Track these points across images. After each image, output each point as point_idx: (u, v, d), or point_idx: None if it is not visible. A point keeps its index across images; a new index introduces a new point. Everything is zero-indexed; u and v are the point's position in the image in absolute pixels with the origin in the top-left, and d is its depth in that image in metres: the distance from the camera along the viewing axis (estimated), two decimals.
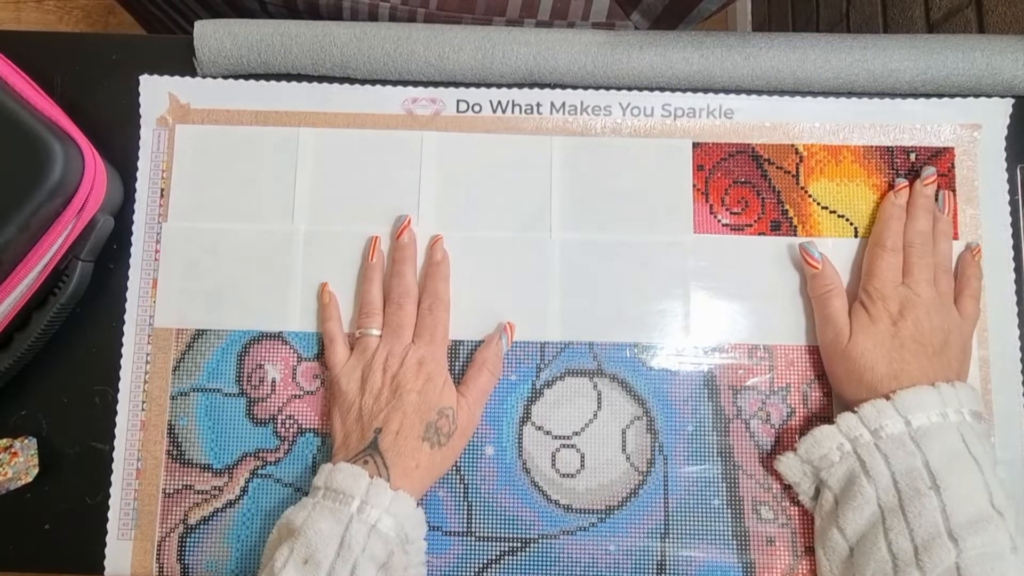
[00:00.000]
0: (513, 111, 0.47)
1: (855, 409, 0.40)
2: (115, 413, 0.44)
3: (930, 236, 0.44)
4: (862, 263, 0.45)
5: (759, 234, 0.46)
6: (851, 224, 0.46)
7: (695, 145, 0.47)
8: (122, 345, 0.45)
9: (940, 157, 0.47)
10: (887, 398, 0.39)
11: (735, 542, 0.43)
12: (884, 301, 0.42)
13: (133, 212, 0.46)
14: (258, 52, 0.46)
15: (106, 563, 0.43)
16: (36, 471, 0.43)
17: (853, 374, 0.41)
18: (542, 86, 0.48)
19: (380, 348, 0.43)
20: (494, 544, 0.43)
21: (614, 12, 0.67)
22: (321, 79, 0.47)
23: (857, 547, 0.38)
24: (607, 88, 0.47)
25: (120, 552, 0.43)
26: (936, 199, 0.45)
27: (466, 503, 0.44)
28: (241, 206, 0.46)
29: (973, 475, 0.36)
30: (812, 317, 0.45)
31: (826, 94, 0.47)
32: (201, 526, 0.43)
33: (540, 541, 0.43)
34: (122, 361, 0.45)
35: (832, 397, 0.44)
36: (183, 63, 0.47)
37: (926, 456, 0.37)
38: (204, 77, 0.47)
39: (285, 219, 0.46)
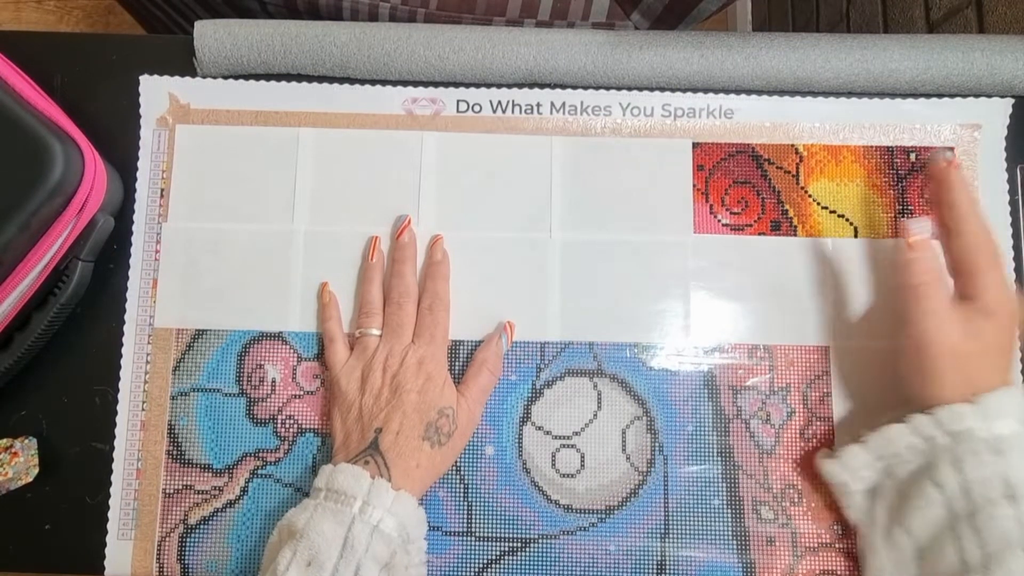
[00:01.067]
0: (513, 111, 0.47)
1: (929, 411, 0.38)
2: (115, 413, 0.44)
3: None
4: (867, 263, 0.45)
5: (759, 234, 0.46)
6: (851, 224, 0.46)
7: (695, 145, 0.47)
8: (122, 345, 0.45)
9: None
10: (969, 401, 0.37)
11: (735, 542, 0.43)
12: (997, 315, 0.39)
13: (133, 212, 0.46)
14: (258, 52, 0.46)
15: (106, 563, 0.43)
16: (36, 471, 0.43)
17: (945, 375, 0.38)
18: (542, 86, 0.48)
19: (380, 348, 0.43)
20: (494, 544, 0.43)
21: (614, 12, 0.67)
22: (321, 79, 0.48)
23: (928, 549, 0.37)
24: (607, 88, 0.47)
25: (120, 552, 0.43)
26: None
27: (466, 503, 0.44)
28: (241, 206, 0.46)
29: None
30: (813, 318, 0.45)
31: (826, 94, 0.47)
32: (201, 526, 0.43)
33: (540, 541, 0.43)
34: (122, 361, 0.45)
35: (833, 397, 0.44)
36: (183, 63, 0.47)
37: (1006, 465, 0.36)
38: (204, 77, 0.47)
39: (285, 219, 0.46)
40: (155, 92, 0.47)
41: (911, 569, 0.38)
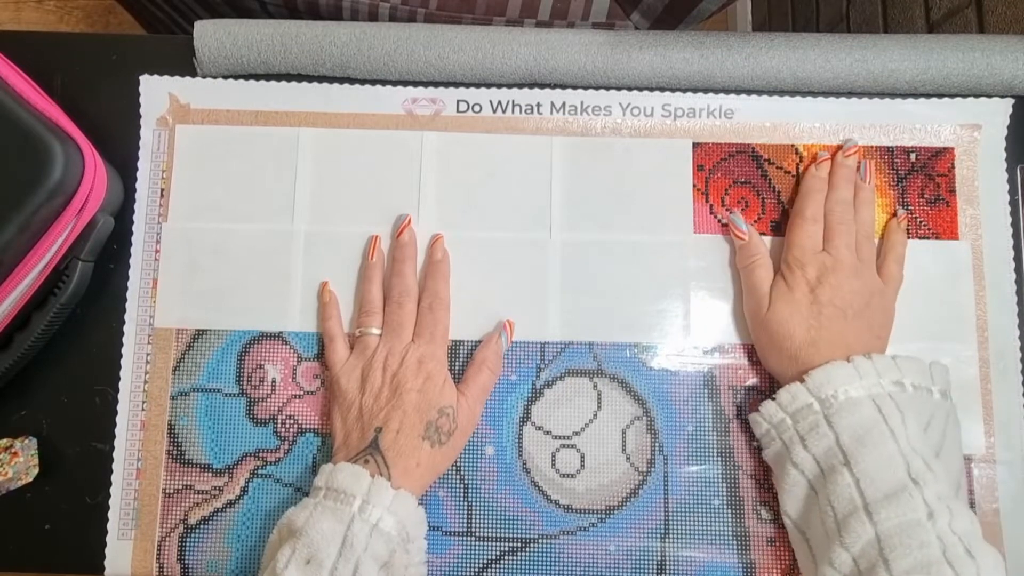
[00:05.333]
0: (513, 111, 0.47)
1: (774, 396, 0.40)
2: (115, 413, 0.44)
3: (851, 204, 0.44)
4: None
5: (759, 234, 0.46)
6: None
7: (695, 145, 0.47)
8: (122, 345, 0.45)
9: (940, 157, 0.47)
10: (801, 381, 0.39)
11: (735, 542, 0.43)
12: (803, 269, 0.42)
13: (133, 212, 0.46)
14: (258, 52, 0.46)
15: (106, 563, 0.43)
16: (36, 471, 0.43)
17: (774, 343, 0.41)
18: (542, 86, 0.48)
19: (380, 347, 0.43)
20: (494, 544, 0.43)
21: (614, 12, 0.67)
22: (321, 79, 0.47)
23: (808, 531, 0.38)
24: (607, 88, 0.47)
25: (120, 552, 0.43)
26: (858, 170, 0.45)
27: (466, 503, 0.44)
28: (241, 206, 0.46)
29: (887, 446, 0.36)
30: None
31: (826, 94, 0.47)
32: (201, 526, 0.43)
33: (540, 541, 0.43)
34: (122, 361, 0.45)
35: None
36: (183, 63, 0.47)
37: (838, 434, 0.37)
38: (204, 77, 0.47)
39: (285, 219, 0.46)
40: (155, 92, 0.47)
41: (804, 551, 0.39)
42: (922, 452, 0.36)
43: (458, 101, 0.47)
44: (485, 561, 0.43)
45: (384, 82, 0.47)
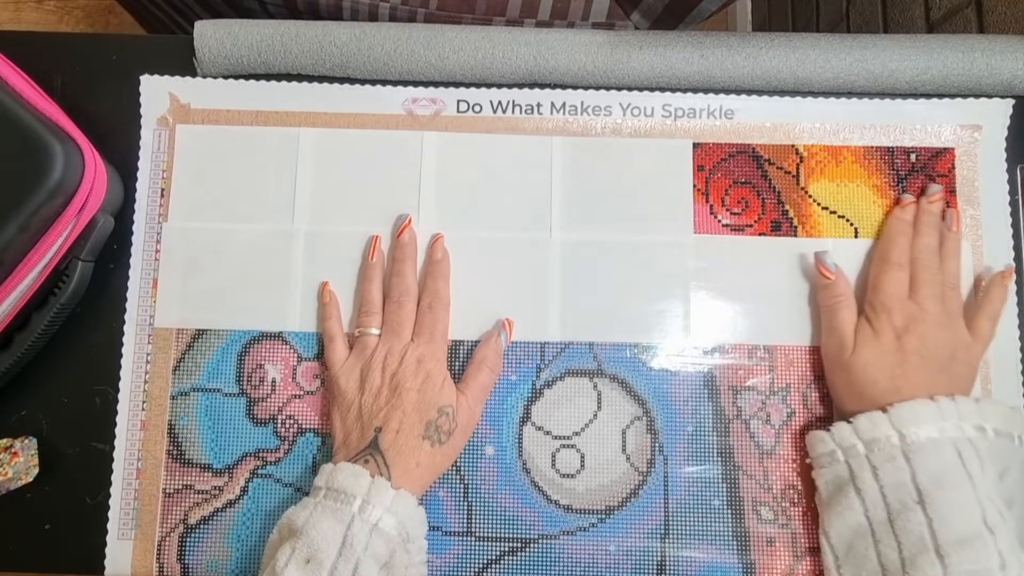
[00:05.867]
0: (513, 111, 0.47)
1: (850, 420, 0.39)
2: (115, 413, 0.44)
3: (936, 252, 0.43)
4: (866, 271, 0.45)
5: (759, 234, 0.46)
6: (851, 224, 0.46)
7: (695, 145, 0.47)
8: (122, 345, 0.45)
9: (940, 157, 0.47)
10: (884, 410, 0.39)
11: (735, 542, 0.43)
12: (889, 315, 0.41)
13: (133, 212, 0.46)
14: (258, 52, 0.46)
15: (106, 563, 0.43)
16: (36, 471, 0.43)
17: (855, 387, 0.41)
18: (542, 86, 0.48)
19: (379, 347, 0.43)
20: (494, 544, 0.43)
21: (614, 12, 0.67)
22: (321, 79, 0.47)
23: (846, 557, 0.38)
24: (607, 88, 0.47)
25: (120, 552, 0.43)
26: (943, 217, 0.45)
27: (466, 503, 0.44)
28: (241, 206, 0.46)
29: (964, 492, 0.36)
30: (813, 318, 0.45)
31: (826, 94, 0.47)
32: (201, 526, 0.43)
33: (540, 541, 0.43)
34: (122, 361, 0.45)
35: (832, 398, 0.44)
36: (183, 63, 0.47)
37: (915, 471, 0.37)
38: (204, 77, 0.47)
39: (285, 219, 0.46)
40: (155, 92, 0.47)
41: (832, 571, 0.39)
42: (997, 501, 0.36)
43: (458, 101, 0.47)
44: (485, 561, 0.43)
45: (384, 82, 0.47)
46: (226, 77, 0.47)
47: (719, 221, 0.46)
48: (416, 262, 0.46)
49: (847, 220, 0.46)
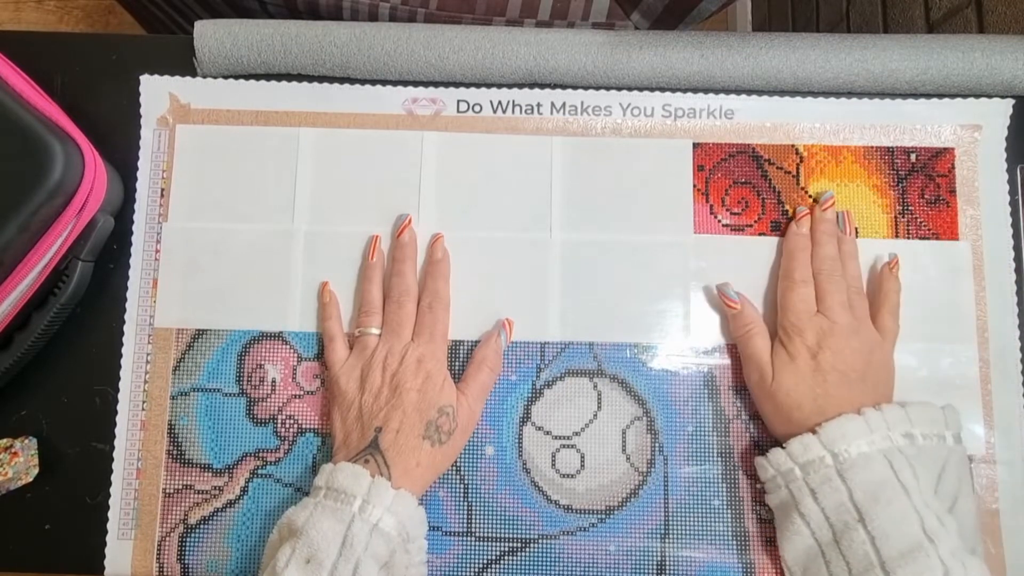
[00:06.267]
0: (513, 111, 0.47)
1: (784, 445, 0.39)
2: (115, 413, 0.44)
3: (837, 259, 0.43)
4: (867, 263, 0.45)
5: (759, 234, 0.46)
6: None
7: (695, 145, 0.47)
8: (122, 345, 0.45)
9: (940, 157, 0.47)
10: (813, 432, 0.39)
11: (735, 542, 0.43)
12: (801, 335, 0.41)
13: (133, 212, 0.46)
14: (258, 52, 0.46)
15: (106, 563, 0.43)
16: (36, 471, 0.43)
17: (781, 413, 0.41)
18: (542, 86, 0.48)
19: (379, 347, 0.43)
20: (494, 544, 0.43)
21: (614, 12, 0.67)
22: (321, 79, 0.48)
23: None
24: (607, 88, 0.47)
25: (120, 552, 0.43)
26: (836, 221, 0.45)
27: (466, 503, 0.44)
28: (241, 206, 0.46)
29: (900, 503, 0.36)
30: None
31: (826, 94, 0.47)
32: (201, 526, 0.43)
33: (540, 541, 0.43)
34: (122, 361, 0.45)
35: None
36: (183, 63, 0.47)
37: (851, 489, 0.37)
38: (204, 77, 0.47)
39: (285, 219, 0.46)
40: (155, 92, 0.47)
41: None
42: (935, 507, 0.36)
43: (458, 101, 0.47)
44: (485, 561, 0.43)
45: (384, 82, 0.47)
46: (226, 77, 0.47)
47: (719, 221, 0.46)
48: (416, 262, 0.46)
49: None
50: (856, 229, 0.46)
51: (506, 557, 0.43)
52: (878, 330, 0.43)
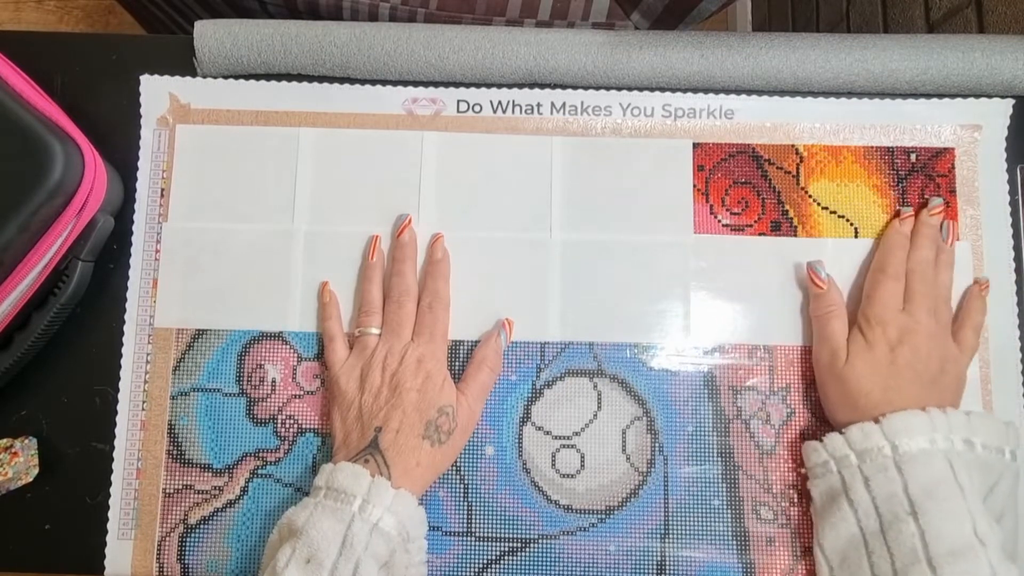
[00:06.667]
0: (513, 111, 0.47)
1: (843, 431, 0.39)
2: (115, 413, 0.44)
3: (933, 264, 0.43)
4: (863, 282, 0.45)
5: (759, 234, 0.46)
6: (851, 225, 0.46)
7: (695, 145, 0.47)
8: (122, 345, 0.45)
9: (940, 157, 0.47)
10: (876, 421, 0.39)
11: (735, 542, 0.43)
12: (883, 327, 0.41)
13: (133, 212, 0.46)
14: (258, 52, 0.46)
15: (106, 563, 0.43)
16: (36, 471, 0.43)
17: (848, 398, 0.41)
18: (542, 86, 0.48)
19: (379, 346, 0.43)
20: (494, 544, 0.43)
21: (614, 12, 0.67)
22: (321, 79, 0.47)
23: (840, 568, 0.38)
24: (607, 88, 0.47)
25: (120, 552, 0.43)
26: (940, 229, 0.45)
27: (466, 503, 0.44)
28: (241, 206, 0.46)
29: (955, 502, 0.36)
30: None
31: (826, 94, 0.47)
32: (201, 526, 0.43)
33: (540, 541, 0.43)
34: (122, 361, 0.45)
35: None
36: (183, 63, 0.47)
37: (906, 482, 0.37)
38: (204, 77, 0.47)
39: (285, 219, 0.46)
40: (155, 92, 0.47)
41: None
42: (986, 513, 0.36)
43: (458, 101, 0.47)
44: (485, 561, 0.43)
45: (384, 82, 0.47)
46: (226, 77, 0.47)
47: (719, 221, 0.46)
48: (416, 262, 0.46)
49: (847, 220, 0.46)
50: (856, 229, 0.46)
51: (506, 557, 0.43)
52: (957, 343, 0.42)
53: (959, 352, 0.42)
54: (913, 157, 0.47)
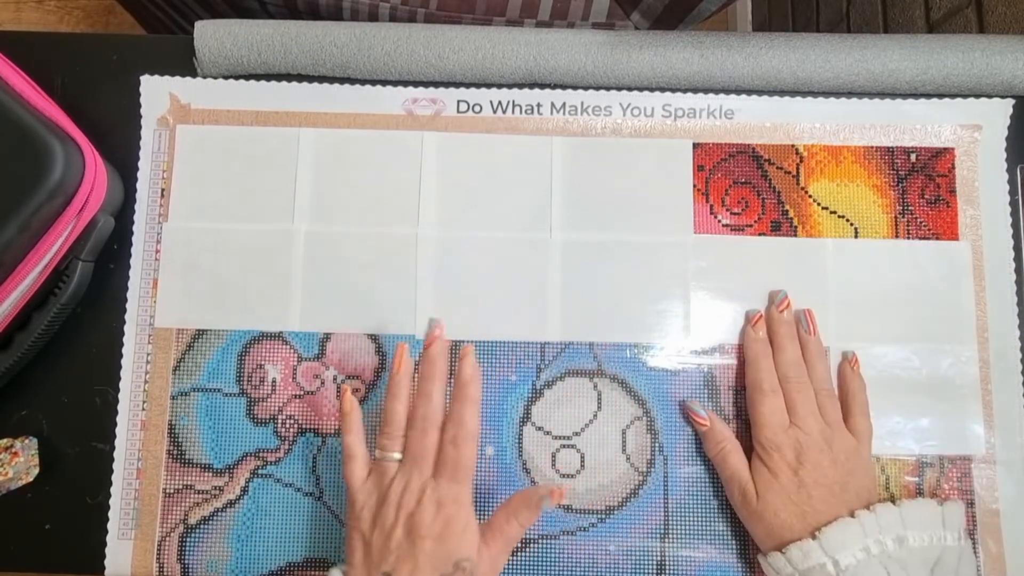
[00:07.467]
0: (513, 111, 0.47)
1: (783, 550, 0.39)
2: (116, 413, 0.44)
3: (801, 363, 0.43)
4: (867, 264, 0.44)
5: (759, 234, 0.46)
6: (851, 225, 0.46)
7: (695, 145, 0.47)
8: (122, 345, 0.45)
9: (940, 157, 0.47)
10: (813, 536, 0.38)
11: (735, 542, 0.43)
12: (779, 451, 0.41)
13: (134, 212, 0.46)
14: (258, 52, 0.46)
15: (106, 563, 0.43)
16: (37, 471, 0.43)
17: (772, 533, 0.40)
18: (542, 86, 0.48)
19: (398, 478, 0.38)
20: None
21: (614, 12, 0.67)
22: (321, 79, 0.48)
23: None
24: (607, 88, 0.47)
25: (120, 552, 0.43)
26: (798, 322, 0.44)
27: None
28: (241, 206, 0.46)
29: None
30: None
31: (826, 94, 0.47)
32: (201, 526, 0.43)
33: (540, 541, 0.43)
34: (122, 361, 0.45)
35: None
36: (183, 63, 0.47)
37: None
38: (204, 77, 0.47)
39: (285, 219, 0.46)
40: (155, 92, 0.47)
41: None
42: None
43: (458, 101, 0.47)
44: None
45: (384, 82, 0.47)
46: (226, 77, 0.47)
47: (719, 221, 0.46)
48: (446, 379, 0.41)
49: (847, 220, 0.46)
50: (857, 229, 0.46)
51: None
52: (852, 432, 0.42)
53: (856, 443, 0.42)
54: (913, 157, 0.47)
